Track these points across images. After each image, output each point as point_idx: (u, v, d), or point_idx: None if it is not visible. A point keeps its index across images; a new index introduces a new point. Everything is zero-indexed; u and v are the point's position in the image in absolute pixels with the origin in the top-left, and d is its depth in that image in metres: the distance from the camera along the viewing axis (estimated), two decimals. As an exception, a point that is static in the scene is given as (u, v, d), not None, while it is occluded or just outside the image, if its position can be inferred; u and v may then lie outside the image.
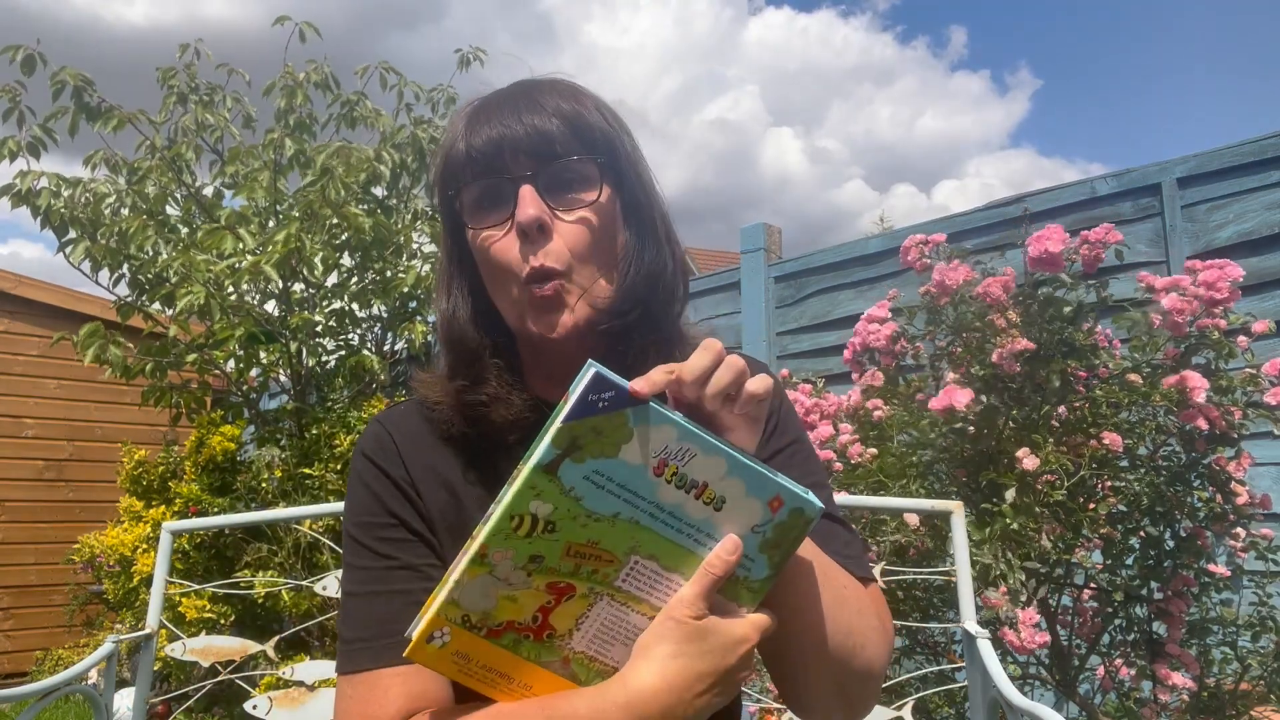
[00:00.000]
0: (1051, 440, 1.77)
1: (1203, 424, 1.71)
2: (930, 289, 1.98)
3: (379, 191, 3.78)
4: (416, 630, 0.61)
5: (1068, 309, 1.81)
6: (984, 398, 1.84)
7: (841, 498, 1.68)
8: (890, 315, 2.17)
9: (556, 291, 0.75)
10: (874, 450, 1.99)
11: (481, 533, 0.60)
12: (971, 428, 1.84)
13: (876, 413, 2.06)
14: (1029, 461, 1.72)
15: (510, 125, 0.76)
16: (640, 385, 0.59)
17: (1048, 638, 1.74)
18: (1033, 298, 1.84)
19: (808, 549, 0.70)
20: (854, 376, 2.24)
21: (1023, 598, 1.68)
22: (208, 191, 3.76)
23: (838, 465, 2.08)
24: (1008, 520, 1.68)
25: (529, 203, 0.74)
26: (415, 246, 3.83)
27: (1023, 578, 1.67)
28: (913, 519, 1.80)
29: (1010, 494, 1.71)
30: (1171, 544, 1.85)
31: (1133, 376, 1.78)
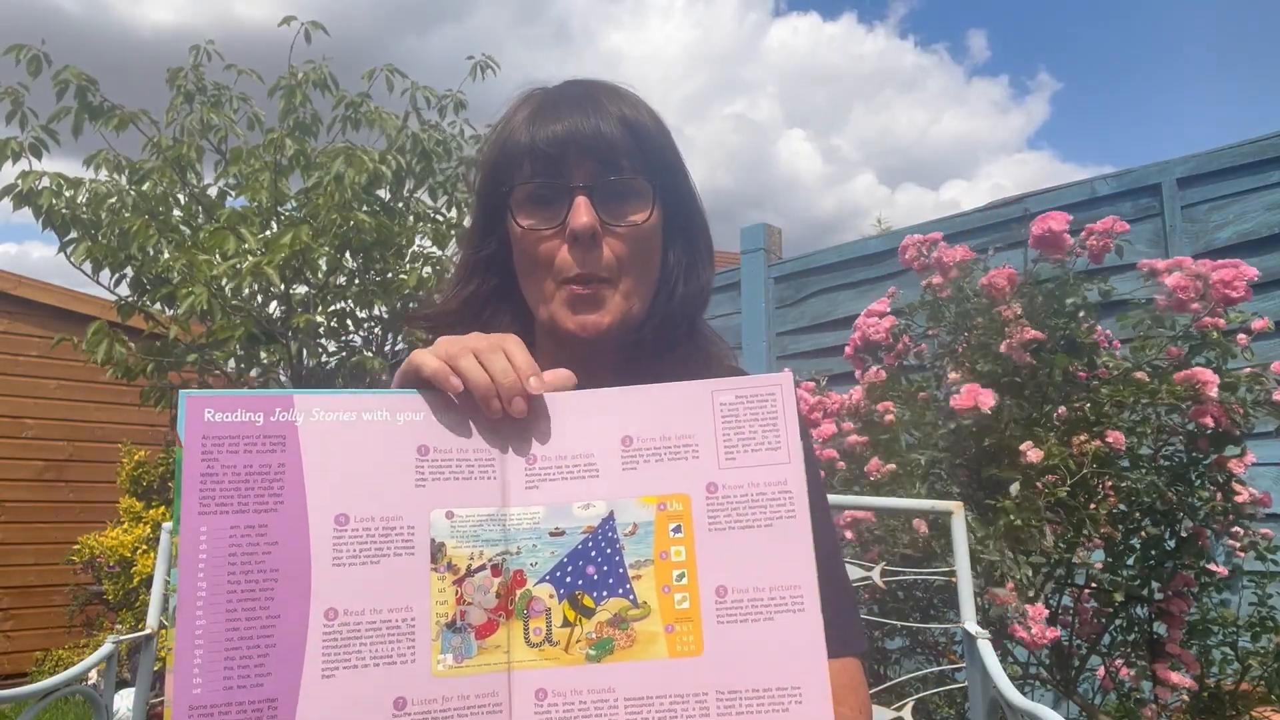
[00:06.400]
0: (1053, 436, 1.76)
1: (1209, 421, 1.71)
2: (932, 281, 1.98)
3: (382, 193, 3.78)
4: None
5: (1070, 301, 1.81)
6: (998, 397, 1.83)
7: (843, 498, 1.68)
8: (890, 311, 2.17)
9: (596, 293, 0.78)
10: (892, 466, 1.94)
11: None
12: (979, 427, 1.83)
13: (888, 416, 2.03)
14: (1033, 454, 1.71)
15: (577, 124, 0.78)
16: None
17: (1058, 633, 1.73)
18: (1036, 290, 1.84)
19: None
20: (856, 374, 2.23)
21: (1030, 593, 1.68)
22: (211, 192, 3.75)
23: (840, 464, 2.07)
24: (1011, 516, 1.67)
25: (584, 211, 0.77)
26: (417, 248, 3.83)
27: (1029, 573, 1.66)
28: (921, 526, 1.79)
29: (1015, 488, 1.70)
30: (1172, 544, 1.85)
31: (1139, 374, 1.78)
